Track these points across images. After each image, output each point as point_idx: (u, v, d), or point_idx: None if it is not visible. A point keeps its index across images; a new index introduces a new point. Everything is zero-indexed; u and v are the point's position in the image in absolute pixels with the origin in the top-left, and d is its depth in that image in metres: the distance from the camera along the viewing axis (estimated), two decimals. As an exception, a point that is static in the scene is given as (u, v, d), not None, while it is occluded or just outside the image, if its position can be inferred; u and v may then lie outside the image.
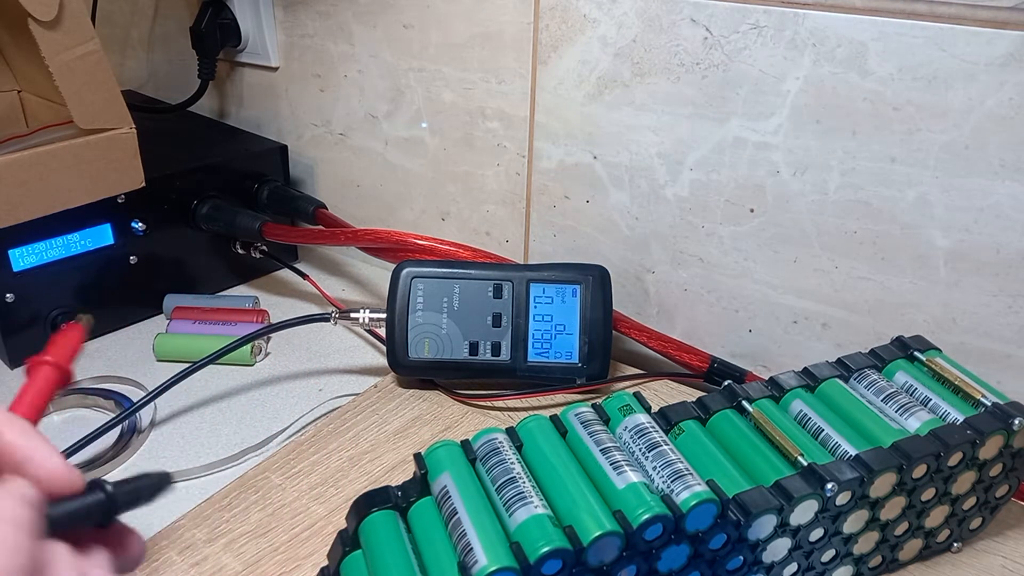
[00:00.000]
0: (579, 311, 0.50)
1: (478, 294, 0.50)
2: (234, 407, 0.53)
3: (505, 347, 0.49)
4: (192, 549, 0.40)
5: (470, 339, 0.49)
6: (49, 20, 0.47)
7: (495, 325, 0.49)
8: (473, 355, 0.49)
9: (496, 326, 0.49)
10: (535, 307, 0.50)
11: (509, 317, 0.49)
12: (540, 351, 0.50)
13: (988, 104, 0.42)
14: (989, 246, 0.44)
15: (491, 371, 0.50)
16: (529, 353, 0.50)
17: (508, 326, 0.49)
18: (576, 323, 0.50)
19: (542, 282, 0.50)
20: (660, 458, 0.33)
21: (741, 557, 0.34)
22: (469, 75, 0.59)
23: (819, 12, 0.45)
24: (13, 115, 0.65)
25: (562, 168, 0.58)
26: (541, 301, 0.50)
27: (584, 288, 0.50)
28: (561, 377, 0.50)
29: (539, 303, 0.50)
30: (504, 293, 0.50)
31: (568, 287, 0.50)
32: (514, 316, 0.50)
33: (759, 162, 0.50)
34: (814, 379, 0.40)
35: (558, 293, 0.50)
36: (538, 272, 0.51)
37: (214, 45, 0.70)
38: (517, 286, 0.50)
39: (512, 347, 0.49)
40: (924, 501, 0.37)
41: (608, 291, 0.51)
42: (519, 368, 0.50)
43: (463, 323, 0.49)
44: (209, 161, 0.64)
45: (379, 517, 0.32)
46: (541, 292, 0.50)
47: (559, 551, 0.29)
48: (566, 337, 0.50)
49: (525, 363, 0.50)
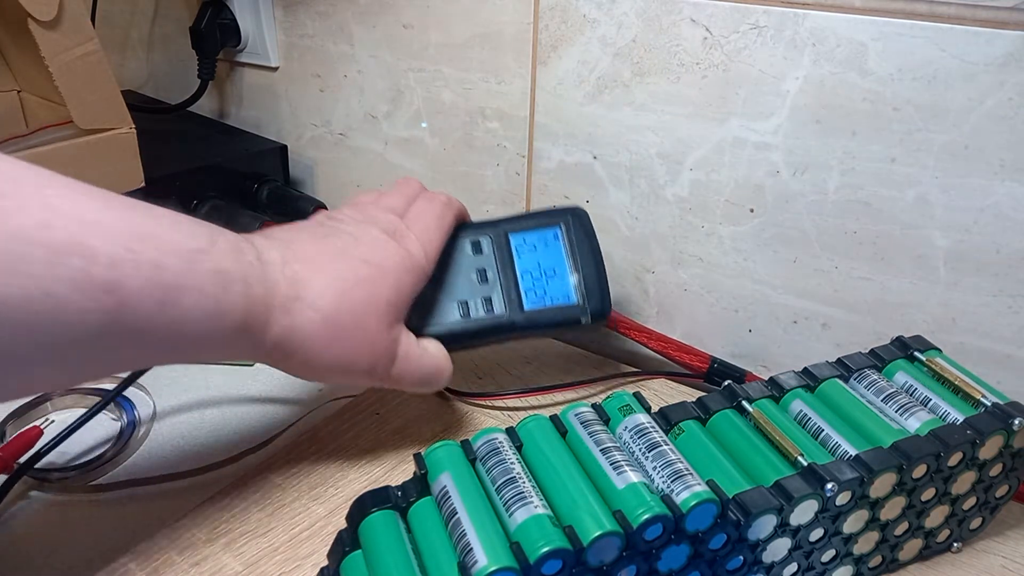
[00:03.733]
0: (565, 252, 0.47)
1: (457, 254, 0.46)
2: (234, 407, 0.53)
3: (498, 301, 0.46)
4: (192, 549, 0.40)
5: (458, 299, 0.45)
6: (49, 20, 0.47)
7: (482, 281, 0.46)
8: (466, 316, 0.45)
9: (483, 281, 0.46)
10: (519, 257, 0.47)
11: (495, 271, 0.46)
12: (535, 299, 0.46)
13: (988, 104, 0.42)
14: (989, 246, 0.44)
15: (490, 331, 0.46)
16: (524, 302, 0.46)
17: (496, 280, 0.46)
18: (565, 264, 0.47)
19: (521, 231, 0.47)
20: (660, 458, 0.33)
21: (741, 557, 0.34)
22: (469, 75, 0.59)
23: (819, 12, 0.45)
24: (13, 115, 0.65)
25: (562, 168, 0.58)
26: (524, 250, 0.47)
27: (564, 229, 0.48)
28: (564, 320, 0.46)
29: (522, 252, 0.47)
30: (484, 248, 0.47)
31: (548, 231, 0.47)
32: (499, 269, 0.46)
33: (759, 162, 0.50)
34: (814, 379, 0.40)
35: (540, 239, 0.47)
36: (513, 223, 0.48)
37: (214, 45, 0.70)
38: (496, 239, 0.47)
39: (506, 300, 0.46)
40: (924, 501, 0.37)
41: (589, 228, 0.48)
42: (517, 321, 0.46)
43: (448, 286, 0.46)
44: (209, 161, 0.64)
45: (379, 517, 0.32)
46: (522, 241, 0.47)
47: (559, 551, 0.29)
48: (558, 280, 0.46)
49: (522, 313, 0.46)
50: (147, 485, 0.45)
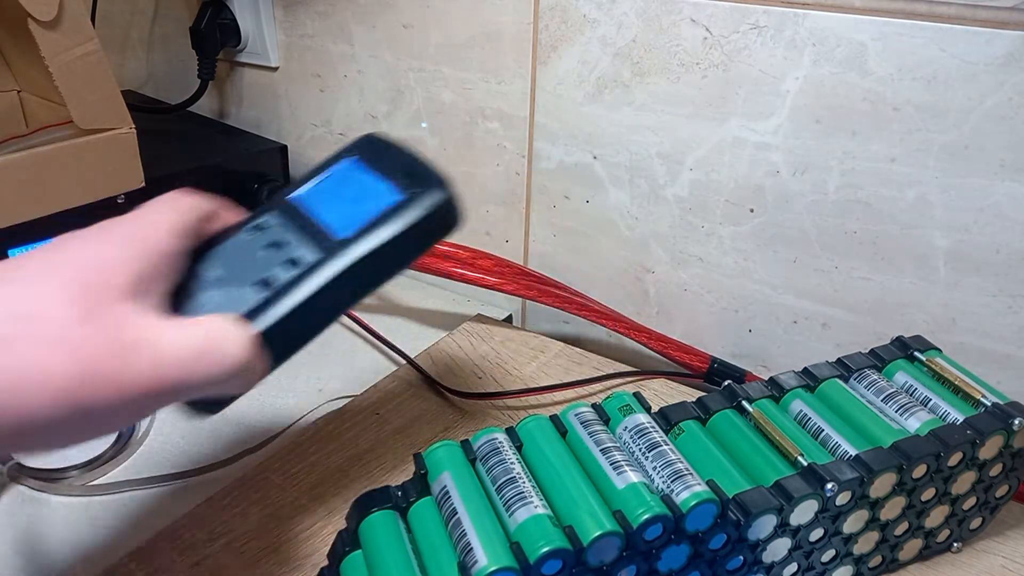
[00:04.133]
0: (368, 175, 0.35)
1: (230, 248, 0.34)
2: (234, 407, 0.52)
3: (306, 252, 0.33)
4: (192, 549, 0.40)
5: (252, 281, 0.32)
6: (49, 20, 0.47)
7: (278, 248, 0.33)
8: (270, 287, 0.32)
9: (279, 247, 0.33)
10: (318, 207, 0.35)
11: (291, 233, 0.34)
12: (349, 221, 0.33)
13: (988, 104, 0.42)
14: (989, 246, 0.44)
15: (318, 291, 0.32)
16: (338, 233, 0.33)
17: (296, 240, 0.33)
18: (375, 183, 0.35)
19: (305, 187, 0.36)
20: (660, 458, 0.33)
21: (741, 557, 0.34)
22: (469, 75, 0.59)
23: (819, 12, 0.45)
24: (13, 115, 0.65)
25: (562, 168, 0.58)
26: (318, 199, 0.35)
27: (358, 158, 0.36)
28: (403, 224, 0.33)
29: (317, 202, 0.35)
30: (268, 223, 0.35)
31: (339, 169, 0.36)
32: (295, 230, 0.34)
33: (759, 162, 0.50)
34: (814, 379, 0.40)
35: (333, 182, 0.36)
36: (297, 182, 0.36)
37: (214, 45, 0.70)
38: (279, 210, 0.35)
39: (314, 245, 0.33)
40: (924, 501, 0.37)
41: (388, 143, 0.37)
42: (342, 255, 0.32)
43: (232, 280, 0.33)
44: (209, 161, 0.64)
45: (379, 517, 0.32)
46: (314, 192, 0.35)
47: (559, 551, 0.29)
48: (372, 193, 0.34)
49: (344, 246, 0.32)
50: (147, 485, 0.45)
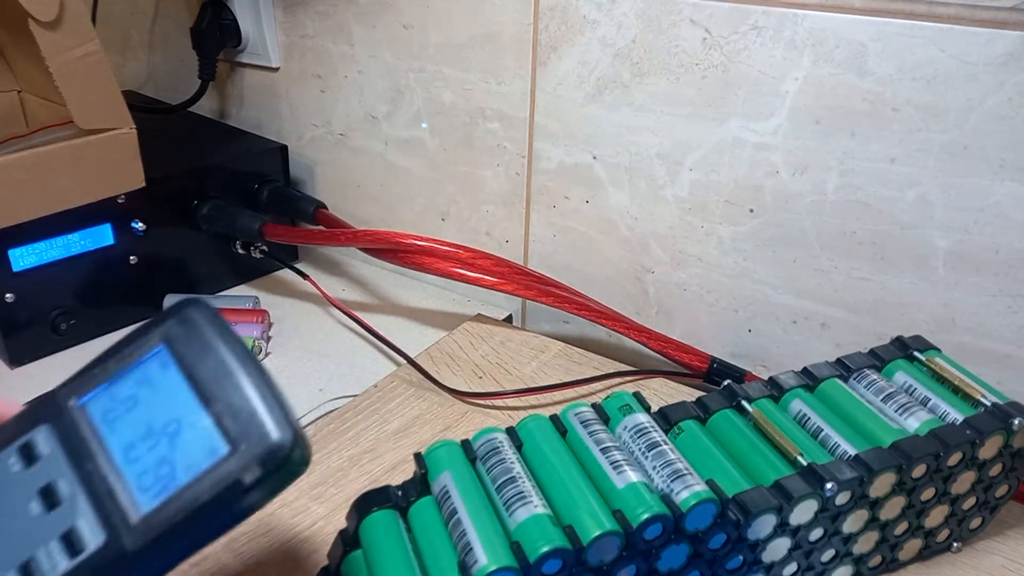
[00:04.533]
0: (184, 381, 0.26)
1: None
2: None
3: (88, 527, 0.25)
4: (192, 549, 0.40)
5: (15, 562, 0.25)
6: (49, 20, 0.47)
7: (49, 508, 0.26)
8: None
9: (52, 508, 0.26)
10: (110, 429, 0.26)
11: (70, 478, 0.26)
12: (158, 487, 0.25)
13: (988, 104, 0.42)
14: (989, 246, 0.44)
15: None
16: (137, 503, 0.25)
17: (76, 492, 0.26)
18: (191, 398, 0.26)
19: (99, 385, 0.27)
20: (660, 458, 0.33)
21: (741, 557, 0.34)
22: (469, 76, 0.59)
23: (818, 13, 0.45)
24: (13, 115, 0.65)
25: (562, 168, 0.58)
26: (115, 414, 0.27)
27: (171, 346, 0.27)
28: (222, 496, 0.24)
29: (113, 419, 0.27)
30: (40, 449, 0.27)
31: (146, 364, 0.27)
32: (78, 471, 0.26)
33: (758, 162, 0.50)
34: (814, 379, 0.40)
35: (136, 383, 0.27)
36: (84, 379, 0.28)
37: (214, 45, 0.70)
38: (59, 424, 0.27)
39: (101, 518, 0.25)
40: (924, 501, 0.37)
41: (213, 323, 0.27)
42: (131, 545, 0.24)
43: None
44: (209, 161, 0.64)
45: (379, 517, 0.32)
46: (108, 400, 0.27)
47: (559, 551, 0.29)
48: (187, 432, 0.25)
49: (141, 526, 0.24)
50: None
